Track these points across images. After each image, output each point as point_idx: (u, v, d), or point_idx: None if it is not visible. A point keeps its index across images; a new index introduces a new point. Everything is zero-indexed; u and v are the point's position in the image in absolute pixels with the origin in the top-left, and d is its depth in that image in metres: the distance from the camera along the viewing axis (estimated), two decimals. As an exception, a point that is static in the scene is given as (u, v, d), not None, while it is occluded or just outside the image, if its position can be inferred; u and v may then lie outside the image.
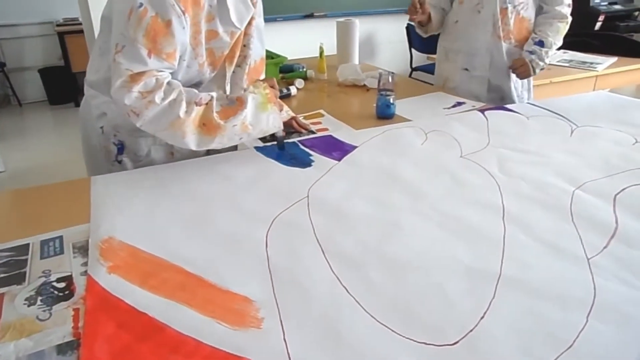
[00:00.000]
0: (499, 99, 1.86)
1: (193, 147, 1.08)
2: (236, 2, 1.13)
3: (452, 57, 1.92)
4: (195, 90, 1.09)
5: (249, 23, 1.27)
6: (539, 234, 0.88)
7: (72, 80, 4.66)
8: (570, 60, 2.66)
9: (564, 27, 1.79)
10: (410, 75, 4.05)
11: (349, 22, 2.19)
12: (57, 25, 4.71)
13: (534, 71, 1.78)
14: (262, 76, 1.44)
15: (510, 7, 1.76)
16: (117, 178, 1.12)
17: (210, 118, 1.06)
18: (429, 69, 3.21)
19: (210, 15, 1.11)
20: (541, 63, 1.77)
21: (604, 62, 2.58)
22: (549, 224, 0.91)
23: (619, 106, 1.63)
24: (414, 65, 4.01)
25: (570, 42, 3.01)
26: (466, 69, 1.88)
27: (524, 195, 1.02)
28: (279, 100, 1.23)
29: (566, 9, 1.78)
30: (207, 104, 1.07)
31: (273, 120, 1.16)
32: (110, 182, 1.09)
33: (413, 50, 3.98)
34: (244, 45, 1.31)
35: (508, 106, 1.60)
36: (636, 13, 3.41)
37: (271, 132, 1.19)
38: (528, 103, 1.66)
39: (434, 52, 3.59)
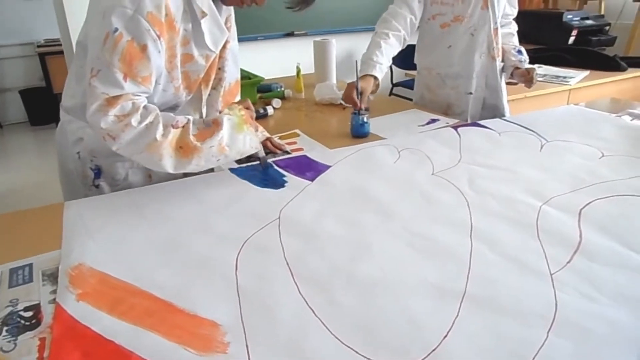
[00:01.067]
0: (492, 117, 1.86)
1: (170, 170, 1.08)
2: (211, 26, 1.15)
3: (451, 82, 1.87)
4: (172, 114, 1.10)
5: (224, 46, 1.29)
6: (505, 250, 0.90)
7: (54, 101, 4.65)
8: (545, 75, 2.72)
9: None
10: (391, 91, 4.10)
11: (326, 41, 2.22)
12: (38, 46, 4.71)
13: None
14: (238, 98, 1.46)
15: (499, 27, 1.80)
16: (91, 203, 1.13)
17: (187, 140, 1.07)
18: (409, 84, 3.25)
19: (185, 39, 1.12)
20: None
21: (577, 76, 2.64)
22: (515, 240, 0.93)
23: (588, 120, 1.67)
24: (394, 81, 4.06)
25: (545, 57, 3.08)
26: (470, 92, 1.85)
27: (492, 212, 1.04)
28: (254, 121, 1.24)
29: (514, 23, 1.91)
30: (183, 126, 1.08)
31: (250, 141, 1.17)
32: (84, 207, 1.09)
33: (393, 66, 4.03)
34: (219, 68, 1.33)
35: (480, 122, 1.64)
36: (607, 28, 3.50)
37: (249, 154, 1.20)
38: (500, 119, 1.69)
39: (413, 68, 3.65)
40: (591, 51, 3.00)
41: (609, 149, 1.39)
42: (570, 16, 3.43)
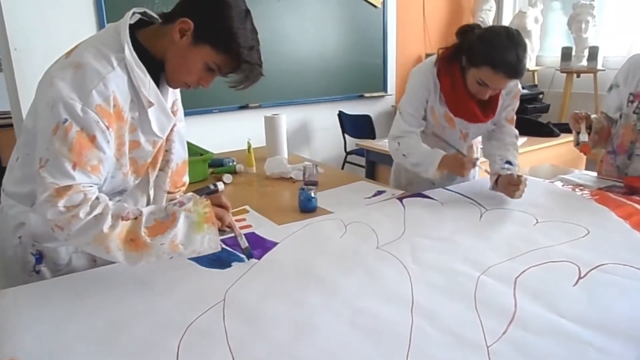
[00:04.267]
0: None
1: (121, 262, 1.07)
2: (157, 114, 1.17)
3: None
4: (125, 204, 1.09)
5: (171, 129, 1.32)
6: (444, 324, 0.92)
7: (3, 175, 4.51)
8: (486, 142, 2.87)
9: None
10: (345, 159, 4.21)
11: (276, 117, 2.30)
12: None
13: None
14: (185, 177, 1.48)
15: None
16: (29, 290, 1.09)
17: (138, 234, 1.04)
18: (361, 152, 3.36)
19: (132, 126, 1.14)
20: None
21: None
22: (454, 313, 0.96)
23: (527, 187, 1.76)
24: (347, 150, 4.19)
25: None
26: (433, 184, 1.83)
27: (433, 285, 1.07)
28: (230, 217, 1.18)
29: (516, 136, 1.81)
30: (136, 218, 1.06)
31: (209, 241, 1.08)
32: (21, 295, 1.06)
33: (346, 135, 4.17)
34: (167, 150, 1.34)
35: (424, 192, 1.71)
36: (541, 96, 3.77)
37: (207, 253, 1.12)
38: (443, 188, 1.77)
39: (364, 137, 3.79)
40: (527, 119, 3.21)
41: (542, 215, 1.47)
42: (507, 86, 3.68)
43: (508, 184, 1.60)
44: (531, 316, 0.95)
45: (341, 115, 4.13)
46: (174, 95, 1.30)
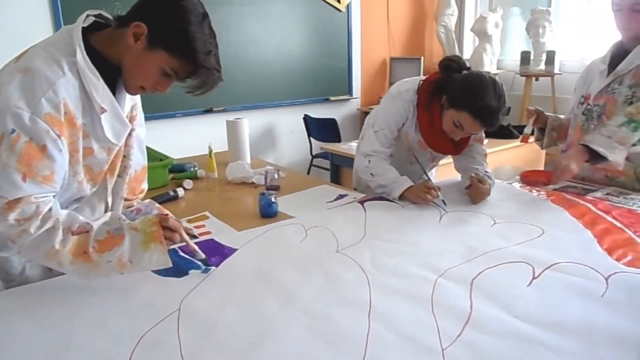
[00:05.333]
0: None
1: (74, 277, 1.04)
2: (111, 120, 1.14)
3: None
4: (78, 216, 1.06)
5: (129, 134, 1.28)
6: (400, 328, 0.93)
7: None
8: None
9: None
10: (311, 163, 4.21)
11: (238, 121, 2.28)
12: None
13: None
14: (144, 184, 1.44)
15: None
16: (-25, 305, 1.04)
17: (87, 249, 1.02)
18: (327, 156, 3.36)
19: (85, 132, 1.11)
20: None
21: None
22: (410, 317, 0.96)
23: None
24: (313, 153, 4.19)
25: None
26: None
27: (390, 289, 1.07)
28: (184, 235, 1.13)
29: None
30: (87, 231, 1.04)
31: (157, 259, 1.06)
32: (-35, 312, 1.01)
33: (311, 138, 4.17)
34: (125, 156, 1.31)
35: (385, 195, 1.71)
36: (502, 99, 3.85)
37: (158, 269, 1.10)
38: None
39: (330, 141, 3.79)
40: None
41: (500, 216, 1.50)
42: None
43: (472, 184, 1.65)
44: (486, 317, 0.96)
45: (306, 118, 4.13)
46: (132, 100, 1.27)
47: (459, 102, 1.54)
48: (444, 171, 2.54)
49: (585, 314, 0.97)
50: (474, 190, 1.65)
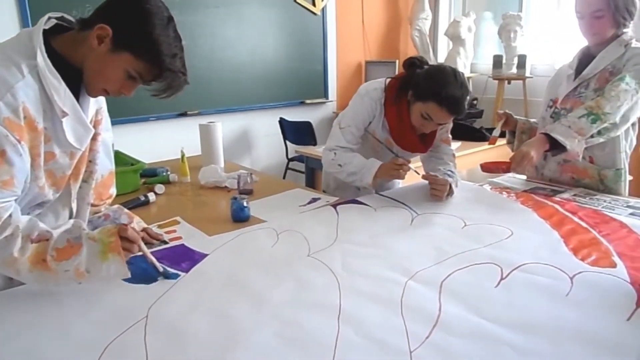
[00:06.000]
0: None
1: (32, 285, 1.01)
2: (73, 124, 1.12)
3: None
4: (38, 223, 1.04)
5: (94, 138, 1.26)
6: (369, 331, 0.93)
7: None
8: (422, 147, 2.95)
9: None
10: (287, 166, 4.20)
11: (211, 125, 2.26)
12: None
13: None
14: (112, 189, 1.42)
15: None
16: None
17: (46, 258, 1.01)
18: (302, 159, 3.36)
19: (46, 136, 1.08)
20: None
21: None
22: (379, 320, 0.97)
23: (458, 190, 1.82)
24: (289, 156, 4.18)
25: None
26: (358, 189, 1.87)
27: (361, 292, 1.07)
28: (141, 246, 1.12)
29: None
30: (47, 240, 1.02)
31: (115, 270, 1.04)
32: None
33: (287, 142, 4.17)
34: (90, 161, 1.28)
35: (358, 198, 1.72)
36: (475, 102, 3.91)
37: (117, 279, 1.09)
38: (377, 194, 1.79)
39: (306, 144, 3.79)
40: (461, 124, 3.32)
41: (470, 218, 1.52)
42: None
43: (432, 184, 1.70)
44: (454, 319, 0.97)
45: (282, 122, 4.12)
46: (97, 104, 1.24)
47: (424, 94, 1.59)
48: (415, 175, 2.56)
49: (550, 314, 0.98)
50: (431, 185, 1.70)
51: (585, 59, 1.77)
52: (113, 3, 1.05)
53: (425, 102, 1.59)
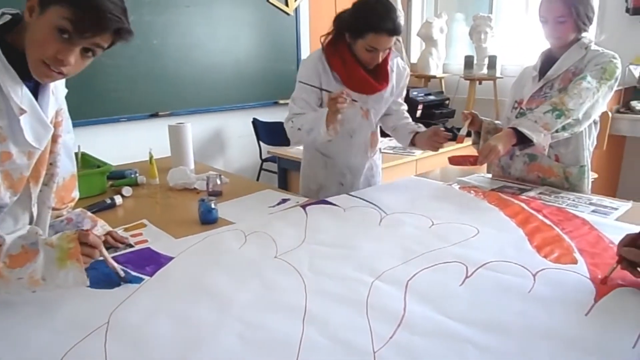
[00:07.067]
0: None
1: None
2: (32, 122, 1.09)
3: (329, 168, 1.98)
4: None
5: (55, 140, 1.23)
6: (334, 332, 0.93)
7: None
8: (394, 147, 2.97)
9: None
10: (260, 167, 4.18)
11: (180, 126, 2.23)
12: None
13: None
14: (75, 193, 1.39)
15: (378, 129, 1.98)
16: None
17: None
18: (274, 159, 3.35)
19: (2, 136, 1.05)
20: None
21: (421, 148, 2.92)
22: (344, 321, 0.97)
23: (423, 189, 1.85)
24: (263, 157, 4.16)
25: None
26: (341, 184, 1.98)
27: (326, 293, 1.07)
28: (103, 252, 1.10)
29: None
30: (0, 245, 0.98)
31: (74, 277, 1.01)
32: None
33: (261, 142, 4.15)
34: (51, 164, 1.25)
35: (328, 199, 1.72)
36: (447, 102, 3.96)
37: (75, 287, 1.04)
38: (347, 194, 1.79)
39: (279, 144, 3.78)
40: (434, 124, 3.35)
41: (438, 217, 1.53)
42: (415, 93, 3.82)
43: (432, 135, 1.88)
44: (418, 318, 0.97)
45: (255, 122, 4.09)
46: (57, 104, 1.21)
47: (359, 30, 1.69)
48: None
49: (513, 311, 1.00)
50: (425, 136, 1.90)
51: (547, 61, 1.83)
52: None
53: (363, 37, 1.68)
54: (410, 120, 2.04)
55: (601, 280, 1.09)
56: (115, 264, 1.12)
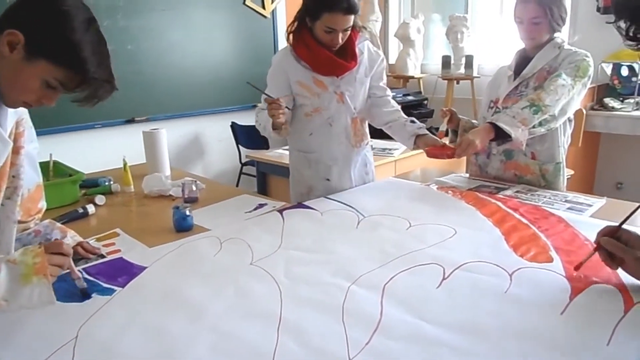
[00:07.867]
0: None
1: None
2: None
3: (314, 166, 1.95)
4: None
5: (16, 152, 1.19)
6: (309, 340, 0.91)
7: None
8: (374, 148, 2.96)
9: None
10: (240, 171, 4.15)
11: (155, 131, 2.20)
12: None
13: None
14: (42, 203, 1.34)
15: (359, 116, 1.94)
16: None
17: None
18: (253, 163, 3.32)
19: None
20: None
21: (400, 148, 2.93)
22: (320, 327, 0.95)
23: (401, 191, 1.84)
24: (242, 161, 4.13)
25: (373, 131, 3.38)
26: (327, 179, 1.94)
27: (302, 300, 1.06)
28: (70, 265, 1.07)
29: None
30: None
31: (39, 294, 0.96)
32: None
33: (240, 146, 4.11)
34: (13, 176, 1.21)
35: (306, 203, 1.71)
36: (425, 102, 3.98)
37: (40, 307, 0.99)
38: (325, 197, 1.78)
39: (259, 148, 3.75)
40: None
41: (415, 218, 1.52)
42: (394, 93, 3.81)
43: (429, 144, 1.86)
44: (395, 323, 0.96)
45: (234, 126, 4.06)
46: (16, 115, 1.17)
47: (315, 13, 1.71)
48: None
49: (489, 312, 0.99)
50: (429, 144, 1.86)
51: (522, 60, 1.85)
52: (23, 5, 0.97)
53: (320, 17, 1.69)
54: (402, 113, 2.00)
55: (575, 267, 1.09)
56: (79, 275, 1.08)
